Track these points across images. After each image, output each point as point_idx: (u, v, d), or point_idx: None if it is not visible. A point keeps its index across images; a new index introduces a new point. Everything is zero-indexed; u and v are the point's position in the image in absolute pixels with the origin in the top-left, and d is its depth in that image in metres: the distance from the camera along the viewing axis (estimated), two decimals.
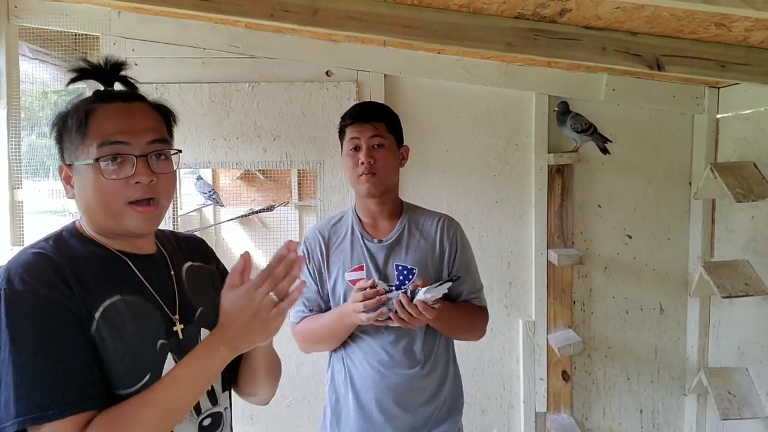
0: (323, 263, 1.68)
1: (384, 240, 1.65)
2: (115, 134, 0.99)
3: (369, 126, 1.62)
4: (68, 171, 1.03)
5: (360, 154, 1.60)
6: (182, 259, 1.17)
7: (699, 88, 2.57)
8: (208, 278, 1.19)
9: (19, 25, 2.48)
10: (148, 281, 1.05)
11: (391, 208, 1.69)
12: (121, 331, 0.97)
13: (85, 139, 0.99)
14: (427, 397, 1.64)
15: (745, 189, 2.12)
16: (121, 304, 0.99)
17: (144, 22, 2.55)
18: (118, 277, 1.02)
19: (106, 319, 0.96)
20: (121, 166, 0.99)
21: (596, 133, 2.49)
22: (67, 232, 1.05)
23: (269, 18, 1.95)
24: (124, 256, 1.04)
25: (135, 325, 0.99)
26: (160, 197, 1.03)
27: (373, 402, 1.61)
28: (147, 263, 1.07)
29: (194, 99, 2.59)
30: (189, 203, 3.93)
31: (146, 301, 1.03)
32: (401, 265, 1.62)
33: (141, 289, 1.04)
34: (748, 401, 2.30)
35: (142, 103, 1.06)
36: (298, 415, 2.70)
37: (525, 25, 1.89)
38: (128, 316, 0.99)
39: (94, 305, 0.96)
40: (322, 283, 1.69)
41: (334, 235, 1.70)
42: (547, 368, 2.72)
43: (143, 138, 1.01)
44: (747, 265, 2.26)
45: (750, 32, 1.74)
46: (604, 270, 2.74)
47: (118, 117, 1.00)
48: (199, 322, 1.11)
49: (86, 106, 1.01)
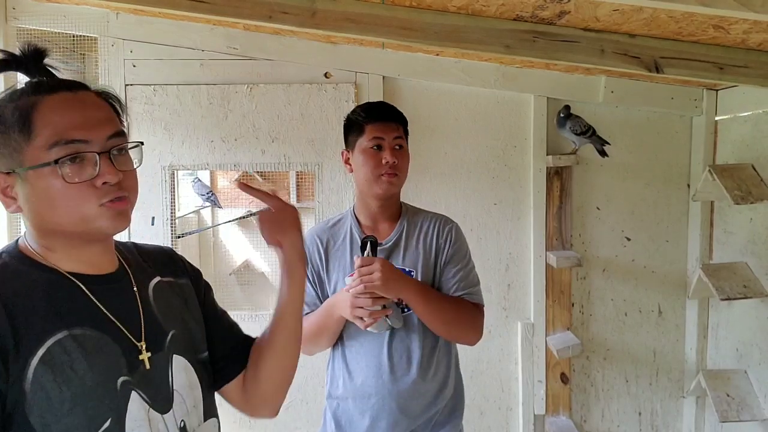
0: (322, 267, 1.67)
1: (383, 243, 1.64)
2: (69, 130, 0.85)
3: (393, 126, 1.61)
4: (5, 180, 0.87)
5: (384, 154, 1.58)
6: (148, 275, 1.03)
7: (697, 91, 2.58)
8: (179, 295, 1.06)
9: (17, 27, 2.47)
10: (106, 306, 0.91)
11: (392, 210, 1.68)
12: (67, 375, 0.83)
13: (31, 140, 0.84)
14: (428, 402, 1.63)
15: (743, 191, 2.12)
16: (68, 342, 0.84)
17: (142, 24, 2.54)
18: (66, 307, 0.87)
19: (46, 364, 0.82)
20: (80, 167, 0.86)
21: (595, 135, 2.49)
22: (8, 255, 0.90)
23: (268, 20, 1.95)
24: (76, 279, 0.90)
25: (86, 365, 0.84)
26: (128, 194, 0.91)
27: (374, 408, 1.60)
28: (104, 285, 0.93)
29: (192, 100, 2.59)
30: (187, 205, 3.93)
31: (101, 332, 0.89)
32: (400, 268, 1.62)
33: (95, 319, 0.89)
34: (747, 404, 2.29)
35: (88, 91, 0.92)
36: (296, 417, 2.69)
37: (523, 27, 1.89)
38: (77, 354, 0.84)
39: (33, 350, 0.81)
40: (321, 286, 1.68)
41: (332, 239, 1.69)
42: (545, 370, 2.72)
43: (101, 132, 0.88)
44: (745, 268, 2.26)
45: (748, 34, 1.74)
46: (602, 272, 2.74)
47: (68, 110, 0.87)
48: (171, 348, 0.97)
49: (25, 100, 0.86)
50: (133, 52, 2.57)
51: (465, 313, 1.64)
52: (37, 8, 2.46)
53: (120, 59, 2.57)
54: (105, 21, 2.53)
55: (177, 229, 2.70)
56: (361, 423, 1.62)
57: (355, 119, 1.64)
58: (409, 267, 1.62)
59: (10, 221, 2.41)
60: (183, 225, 3.65)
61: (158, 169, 2.59)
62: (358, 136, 1.62)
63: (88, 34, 2.56)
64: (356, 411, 1.63)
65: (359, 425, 1.63)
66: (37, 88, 0.88)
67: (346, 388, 1.65)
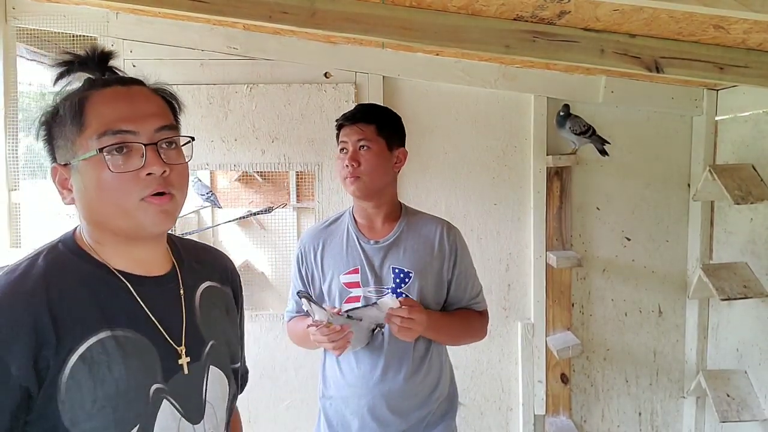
0: (316, 267, 1.69)
1: (380, 241, 1.64)
2: (118, 121, 0.86)
3: (355, 128, 1.61)
4: (63, 172, 0.90)
5: (345, 157, 1.61)
6: (198, 278, 1.02)
7: (698, 90, 2.57)
8: (222, 303, 1.05)
9: (17, 27, 2.47)
10: (150, 309, 0.91)
11: (387, 210, 1.67)
12: (103, 375, 0.83)
13: (83, 131, 0.86)
14: (420, 402, 1.63)
15: (743, 191, 2.12)
16: (110, 342, 0.85)
17: (142, 24, 2.54)
18: (111, 306, 0.88)
19: (86, 361, 0.82)
20: (127, 157, 0.86)
21: (595, 135, 2.49)
22: (63, 244, 0.92)
23: (267, 20, 1.95)
24: (125, 279, 0.91)
25: (123, 367, 0.85)
26: (175, 191, 0.91)
27: (366, 409, 1.61)
28: (152, 287, 0.93)
29: (192, 100, 2.59)
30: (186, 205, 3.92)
31: (143, 336, 0.89)
32: (397, 268, 1.61)
33: (138, 321, 0.89)
34: (747, 404, 2.29)
35: (141, 86, 0.94)
36: (296, 417, 2.69)
37: (524, 27, 1.89)
38: (116, 355, 0.85)
39: (75, 345, 0.82)
40: (313, 285, 1.70)
41: (329, 237, 1.69)
42: (545, 371, 2.72)
43: (150, 125, 0.88)
44: (746, 268, 2.26)
45: (748, 34, 1.74)
46: (602, 272, 2.74)
47: (118, 102, 0.88)
48: (209, 359, 0.97)
49: (79, 95, 0.89)
50: (133, 52, 2.57)
51: (473, 325, 1.70)
52: (37, 8, 2.46)
53: (120, 59, 2.56)
54: (105, 21, 2.53)
55: (176, 228, 2.70)
56: (352, 423, 1.63)
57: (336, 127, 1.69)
58: (407, 268, 1.62)
59: (8, 223, 2.41)
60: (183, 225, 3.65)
61: None
62: (337, 140, 1.67)
63: (88, 34, 2.56)
64: (348, 411, 1.64)
65: (351, 425, 1.63)
66: (92, 84, 0.91)
67: (338, 388, 1.66)
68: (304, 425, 2.68)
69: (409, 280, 1.61)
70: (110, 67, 0.95)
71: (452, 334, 1.67)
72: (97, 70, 0.94)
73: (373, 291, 1.61)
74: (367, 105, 1.79)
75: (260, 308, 3.21)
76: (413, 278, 1.61)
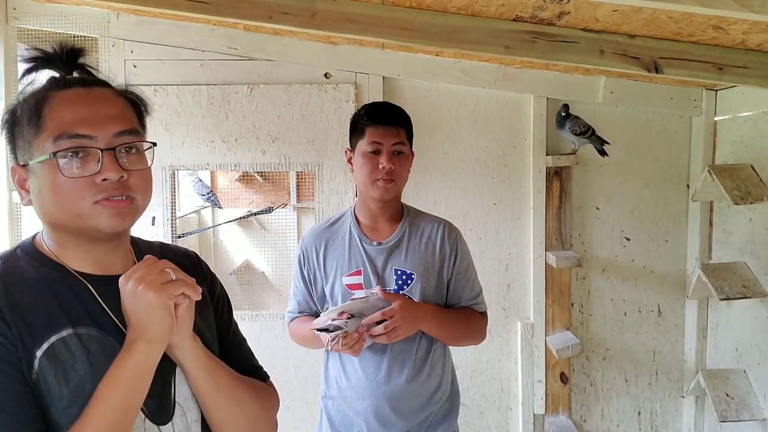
0: (318, 268, 1.68)
1: (383, 243, 1.64)
2: (75, 125, 0.85)
3: (393, 130, 1.59)
4: (22, 173, 0.89)
5: (381, 159, 1.57)
6: None
7: (697, 91, 2.58)
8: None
9: (18, 27, 2.48)
10: (112, 309, 0.89)
11: (392, 211, 1.67)
12: (69, 373, 0.83)
13: (40, 133, 0.85)
14: (422, 403, 1.63)
15: (742, 191, 2.12)
16: (72, 340, 0.84)
17: (142, 24, 2.55)
18: (73, 306, 0.87)
19: (50, 359, 0.82)
20: (83, 161, 0.85)
21: (594, 135, 2.49)
22: (21, 250, 0.91)
23: (268, 20, 1.95)
24: (84, 280, 0.89)
25: (88, 364, 0.84)
26: (135, 195, 0.88)
27: (369, 410, 1.61)
28: (112, 286, 0.89)
29: (193, 101, 2.59)
30: (187, 205, 3.93)
31: (107, 334, 0.87)
32: (400, 270, 1.61)
33: (100, 320, 0.88)
34: (746, 403, 2.30)
35: (105, 88, 0.91)
36: (296, 417, 2.69)
37: (523, 27, 1.90)
38: (80, 353, 0.84)
39: (37, 342, 0.82)
40: (315, 286, 1.69)
41: (331, 238, 1.68)
42: (545, 370, 2.72)
43: (108, 129, 0.86)
44: (745, 267, 2.26)
45: (747, 35, 1.74)
46: (602, 272, 2.74)
47: (77, 105, 0.86)
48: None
49: (39, 95, 0.87)
50: (134, 52, 2.58)
51: (473, 325, 1.70)
52: (37, 9, 2.47)
53: (120, 60, 2.58)
54: (105, 21, 2.53)
55: (177, 229, 2.70)
56: (355, 423, 1.63)
57: (357, 121, 1.63)
58: (409, 269, 1.62)
59: (8, 224, 2.42)
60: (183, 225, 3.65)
61: (158, 169, 2.60)
62: (359, 138, 1.61)
63: (89, 35, 2.57)
64: (351, 411, 1.64)
65: (353, 426, 1.63)
66: (52, 84, 0.89)
67: (341, 389, 1.65)
68: (304, 425, 2.68)
69: (412, 281, 1.61)
70: (81, 65, 0.93)
71: (452, 331, 1.65)
72: (65, 68, 0.91)
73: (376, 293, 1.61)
74: (394, 106, 1.69)
75: (260, 308, 3.22)
76: (416, 280, 1.61)
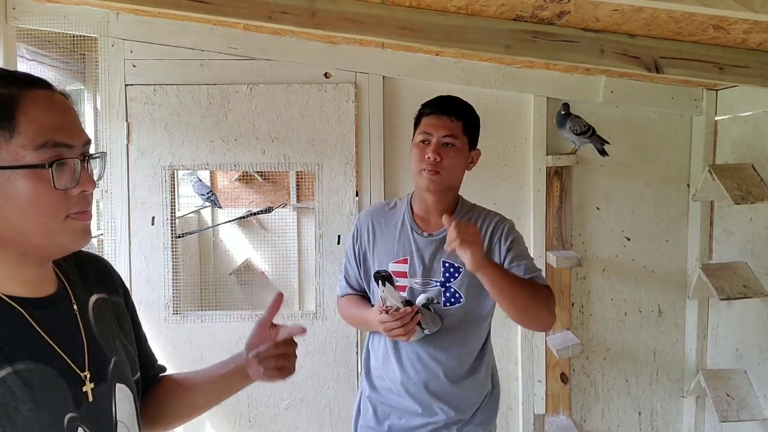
0: (369, 248, 1.68)
1: (434, 234, 1.62)
2: (55, 132, 0.78)
3: (445, 120, 1.56)
4: None
5: (428, 149, 1.55)
6: (87, 290, 0.94)
7: (697, 91, 2.58)
8: (114, 313, 0.97)
9: (18, 27, 2.47)
10: (49, 334, 0.82)
11: (446, 203, 1.64)
12: (13, 417, 0.75)
13: (15, 137, 0.76)
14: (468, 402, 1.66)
15: (743, 191, 2.12)
16: (12, 380, 0.76)
17: (142, 24, 2.55)
18: (8, 338, 0.78)
19: None
20: (61, 172, 0.79)
21: (595, 135, 2.49)
22: None
23: (267, 20, 1.95)
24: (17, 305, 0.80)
25: (32, 404, 0.77)
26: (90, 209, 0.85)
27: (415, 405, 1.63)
28: (47, 309, 0.83)
29: (192, 100, 2.59)
30: (187, 205, 3.93)
31: (46, 366, 0.80)
32: (448, 262, 1.60)
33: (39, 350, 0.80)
34: (747, 403, 2.30)
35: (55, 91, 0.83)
36: (296, 417, 2.69)
37: (523, 27, 1.89)
38: (22, 393, 0.76)
39: None
40: (365, 265, 1.70)
41: (385, 222, 1.69)
42: (545, 370, 2.72)
43: (80, 138, 0.82)
44: (745, 267, 2.26)
45: (748, 35, 1.74)
46: (602, 272, 2.74)
47: (50, 110, 0.79)
48: (114, 377, 0.90)
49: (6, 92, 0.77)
50: (134, 52, 2.57)
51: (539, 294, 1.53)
52: (37, 8, 2.46)
53: (120, 59, 2.57)
54: (105, 21, 2.53)
55: (177, 229, 2.70)
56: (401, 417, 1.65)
57: (419, 111, 1.64)
58: (458, 263, 1.58)
59: None
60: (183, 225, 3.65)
61: (158, 169, 2.60)
62: (416, 127, 1.63)
63: (88, 34, 2.57)
64: (396, 404, 1.65)
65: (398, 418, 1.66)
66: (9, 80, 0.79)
67: (392, 380, 1.66)
68: (304, 425, 2.68)
69: (459, 274, 1.59)
70: None
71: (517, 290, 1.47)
72: None
73: (420, 282, 1.60)
74: (456, 98, 1.65)
75: (260, 308, 3.21)
76: (463, 273, 1.58)
